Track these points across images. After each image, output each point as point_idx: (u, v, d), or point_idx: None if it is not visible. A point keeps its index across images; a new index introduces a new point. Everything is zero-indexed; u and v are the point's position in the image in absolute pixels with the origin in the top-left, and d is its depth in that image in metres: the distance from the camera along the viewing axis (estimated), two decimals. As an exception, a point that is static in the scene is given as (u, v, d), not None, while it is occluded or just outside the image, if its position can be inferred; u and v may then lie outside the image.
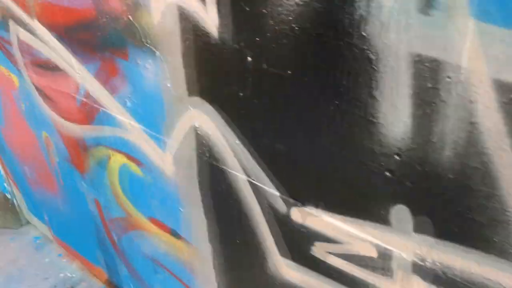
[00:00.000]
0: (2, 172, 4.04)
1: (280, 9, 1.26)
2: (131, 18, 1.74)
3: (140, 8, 1.68)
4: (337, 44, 1.19)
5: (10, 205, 4.29)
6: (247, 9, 1.34)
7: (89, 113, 2.38)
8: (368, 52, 1.13)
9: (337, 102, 1.27)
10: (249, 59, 1.43)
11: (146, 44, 1.75)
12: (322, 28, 1.20)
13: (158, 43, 1.70)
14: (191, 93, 1.72)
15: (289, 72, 1.35)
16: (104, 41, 1.95)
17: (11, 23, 2.44)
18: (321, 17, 1.19)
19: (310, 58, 1.27)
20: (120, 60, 1.94)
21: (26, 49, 2.51)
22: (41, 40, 2.32)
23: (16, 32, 2.47)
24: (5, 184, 4.14)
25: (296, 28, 1.26)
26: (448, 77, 1.01)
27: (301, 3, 1.21)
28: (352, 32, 1.14)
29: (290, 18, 1.25)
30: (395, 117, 1.15)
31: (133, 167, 2.35)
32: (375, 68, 1.13)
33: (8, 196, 4.23)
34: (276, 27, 1.30)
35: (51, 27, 2.20)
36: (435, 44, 1.01)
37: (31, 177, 3.60)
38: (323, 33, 1.20)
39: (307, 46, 1.26)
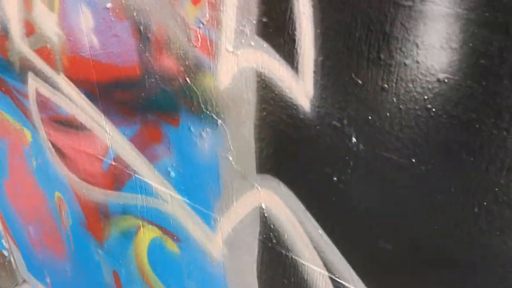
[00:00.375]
0: (1, 227, 3.65)
1: (411, 85, 0.99)
2: (188, 81, 1.46)
3: (202, 71, 1.40)
4: (498, 135, 0.91)
5: (6, 263, 3.89)
6: (359, 82, 1.07)
7: (118, 178, 2.07)
8: (548, 148, 0.86)
9: (483, 202, 0.99)
10: (354, 140, 1.15)
11: (205, 111, 1.47)
12: (476, 113, 0.93)
13: (222, 111, 1.42)
14: (261, 170, 1.43)
15: (413, 160, 1.06)
16: (148, 103, 1.67)
17: (30, 76, 2.15)
18: (476, 100, 0.92)
19: (451, 147, 1.00)
20: (167, 126, 1.65)
21: (45, 103, 2.21)
22: (66, 95, 2.03)
23: (35, 85, 2.17)
24: (3, 241, 3.74)
25: (434, 109, 0.98)
26: None
27: (446, 81, 0.94)
28: (525, 122, 0.87)
29: (426, 97, 0.98)
30: None
31: (169, 242, 2.03)
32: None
33: (5, 253, 3.83)
34: (401, 106, 1.03)
35: (80, 83, 1.91)
36: None
37: (35, 237, 3.22)
38: (477, 119, 0.93)
39: (449, 132, 0.98)
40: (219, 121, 1.45)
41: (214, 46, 1.32)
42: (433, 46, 0.93)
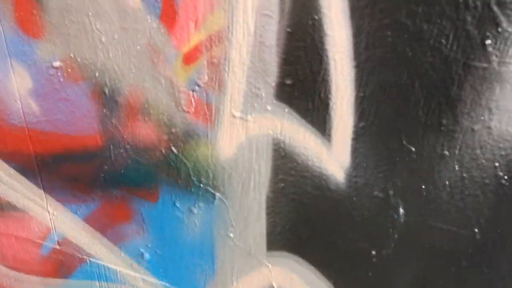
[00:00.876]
0: None
1: (478, 152, 0.88)
2: (174, 151, 1.19)
3: (195, 139, 1.15)
4: None
5: None
6: (412, 149, 0.94)
7: (65, 264, 1.68)
8: None
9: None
10: (402, 211, 1.01)
11: (198, 184, 1.22)
12: (559, 181, 0.85)
13: (222, 183, 1.19)
14: (273, 246, 1.22)
15: (476, 231, 0.96)
16: (112, 177, 1.35)
17: None
18: (559, 167, 0.84)
19: (525, 216, 0.90)
20: (141, 202, 1.35)
21: (-49, 181, 1.73)
22: (-15, 171, 1.59)
23: None
24: None
25: (506, 177, 0.88)
26: None
27: (524, 147, 0.84)
28: None
29: (496, 164, 0.88)
30: None
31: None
32: None
33: None
34: (465, 174, 0.91)
35: (9, 156, 1.51)
36: None
37: None
38: (558, 187, 0.85)
39: (524, 201, 0.89)
40: (218, 195, 1.21)
41: (213, 111, 1.09)
42: (510, 110, 0.83)
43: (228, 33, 0.98)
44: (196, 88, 1.07)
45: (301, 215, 1.13)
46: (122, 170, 1.32)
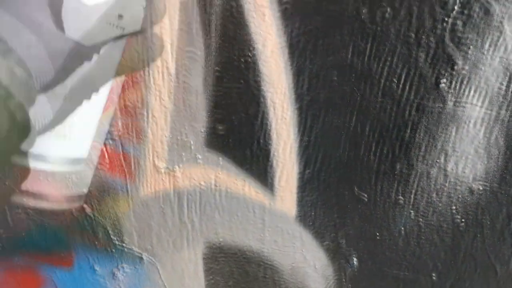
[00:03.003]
0: None
1: (434, 196, 0.81)
2: (88, 210, 0.99)
3: (112, 196, 0.97)
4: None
5: None
6: (364, 196, 0.84)
7: None
8: None
9: (516, 308, 0.88)
10: (355, 260, 0.91)
11: (120, 243, 1.03)
12: None
13: (149, 241, 1.01)
14: (214, 306, 1.07)
15: (433, 276, 0.89)
16: (12, 244, 1.11)
17: None
18: None
19: (481, 259, 0.85)
20: (52, 268, 1.13)
21: None
22: None
23: None
24: None
25: (463, 221, 0.82)
26: None
27: (481, 189, 0.78)
28: None
29: (454, 208, 0.81)
30: None
31: None
32: None
33: None
34: (421, 220, 0.84)
35: None
36: None
37: None
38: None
39: (481, 245, 0.83)
40: (145, 255, 1.03)
41: (133, 164, 0.91)
42: (467, 153, 0.76)
43: (144, 74, 0.81)
44: (110, 141, 0.89)
45: (245, 271, 1.00)
46: (24, 235, 1.09)
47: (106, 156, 0.91)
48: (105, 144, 0.89)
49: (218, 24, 0.74)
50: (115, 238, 1.02)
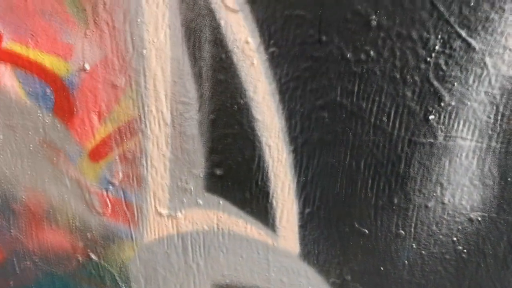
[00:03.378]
0: None
1: (435, 228, 0.81)
2: (94, 257, 1.01)
3: (117, 242, 0.98)
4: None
5: None
6: (365, 231, 0.85)
7: None
8: None
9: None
10: None
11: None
12: (520, 250, 0.79)
13: (157, 286, 1.02)
14: None
15: (442, 306, 0.88)
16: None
17: None
18: (518, 236, 0.79)
19: (486, 286, 0.84)
20: (61, 317, 1.13)
21: None
22: None
23: None
24: None
25: (465, 250, 0.82)
26: None
27: (480, 219, 0.78)
28: None
29: (455, 238, 0.81)
30: None
31: None
32: None
33: None
34: (423, 252, 0.84)
35: None
36: None
37: None
38: (520, 256, 0.80)
39: (483, 272, 0.83)
40: (152, 299, 1.04)
41: (135, 211, 0.93)
42: (462, 184, 0.76)
43: (141, 124, 0.83)
44: (110, 187, 0.91)
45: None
46: (32, 285, 1.10)
47: (108, 202, 0.93)
48: (106, 190, 0.91)
49: (209, 74, 0.76)
50: (122, 285, 1.03)
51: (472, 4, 0.64)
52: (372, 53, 0.70)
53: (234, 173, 0.84)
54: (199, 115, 0.80)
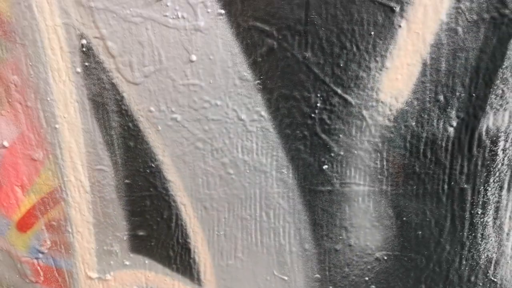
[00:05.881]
0: None
1: (347, 269, 0.85)
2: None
3: None
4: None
5: None
6: (285, 278, 0.88)
7: None
8: None
9: None
10: None
11: None
12: (425, 284, 0.84)
13: None
14: None
15: None
16: None
17: None
18: (423, 271, 0.83)
19: (408, 323, 0.88)
20: None
21: None
22: None
23: None
24: None
25: (380, 289, 0.86)
26: None
27: (386, 258, 0.83)
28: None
29: (367, 278, 0.85)
30: None
31: None
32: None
33: None
34: (342, 293, 0.87)
35: None
36: None
37: None
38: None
39: (403, 309, 0.87)
40: None
41: (67, 276, 0.95)
42: (364, 226, 0.82)
43: (62, 193, 0.87)
44: (40, 255, 0.93)
45: None
46: None
47: (40, 270, 0.94)
48: (36, 259, 0.93)
49: (120, 142, 0.82)
50: None
51: (341, 65, 0.72)
52: (263, 113, 0.77)
53: (155, 233, 0.88)
54: (115, 180, 0.85)
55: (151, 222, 0.87)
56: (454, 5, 0.66)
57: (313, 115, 0.75)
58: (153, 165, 0.82)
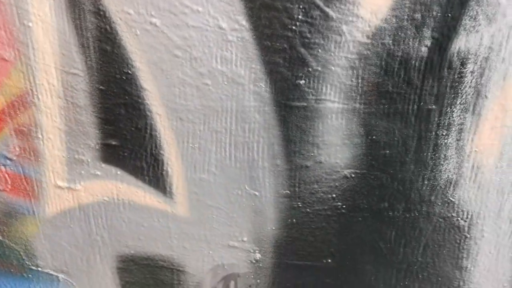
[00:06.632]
0: None
1: (316, 186, 0.89)
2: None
3: (20, 219, 0.99)
4: (410, 218, 0.89)
5: None
6: (256, 193, 0.91)
7: None
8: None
9: (405, 282, 0.96)
10: (258, 255, 0.98)
11: (35, 268, 1.04)
12: (388, 202, 0.89)
13: (64, 262, 1.03)
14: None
15: (329, 261, 0.96)
16: None
17: None
18: (386, 189, 0.88)
19: (366, 239, 0.93)
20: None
21: None
22: None
23: None
24: None
25: (344, 206, 0.90)
26: None
27: (353, 175, 0.87)
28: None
29: (334, 195, 0.90)
30: None
31: None
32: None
33: None
34: (308, 210, 0.92)
35: None
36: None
37: None
38: (389, 207, 0.89)
39: (362, 225, 0.92)
40: (61, 276, 1.05)
41: (35, 185, 0.94)
42: (335, 143, 0.84)
43: (33, 97, 0.85)
44: (8, 162, 0.91)
45: (160, 279, 1.03)
46: None
47: (7, 178, 0.93)
48: (3, 166, 0.92)
49: (96, 45, 0.80)
50: (29, 263, 1.04)
51: (326, -24, 0.72)
52: (244, 22, 0.76)
53: (128, 143, 0.88)
54: (89, 86, 0.83)
55: (125, 131, 0.87)
56: None
57: (293, 27, 0.76)
58: (129, 71, 0.81)
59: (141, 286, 1.05)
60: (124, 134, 0.87)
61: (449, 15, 0.72)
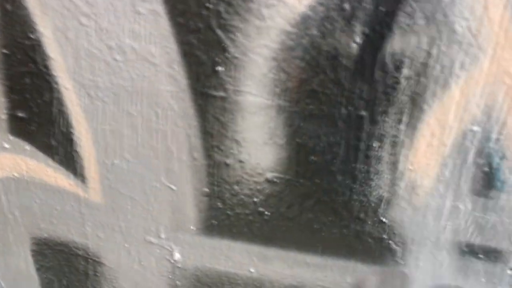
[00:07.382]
0: None
1: (236, 187, 0.80)
2: None
3: None
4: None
5: None
6: (173, 187, 0.82)
7: None
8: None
9: (333, 303, 0.87)
10: (178, 256, 0.89)
11: None
12: (313, 213, 0.79)
13: (-23, 235, 0.97)
14: (52, 303, 1.04)
15: (252, 271, 0.87)
16: None
17: None
18: (312, 199, 0.78)
19: (290, 249, 0.84)
20: None
21: None
22: None
23: None
24: None
25: (266, 213, 0.81)
26: None
27: (277, 180, 0.77)
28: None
29: (256, 199, 0.80)
30: None
31: None
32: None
33: None
34: (229, 212, 0.83)
35: None
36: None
37: None
38: (315, 219, 0.79)
39: (287, 235, 0.82)
40: (-25, 250, 0.99)
41: None
42: (256, 142, 0.75)
43: None
44: None
45: (75, 268, 0.97)
46: None
47: None
48: None
49: (-3, 4, 0.72)
50: None
51: None
52: (155, -6, 0.67)
53: (36, 116, 0.80)
54: (-7, 49, 0.76)
55: (31, 103, 0.79)
56: None
57: (209, 5, 0.66)
58: (32, 36, 0.73)
59: (56, 272, 0.99)
60: (31, 106, 0.80)
61: (382, 9, 0.61)
